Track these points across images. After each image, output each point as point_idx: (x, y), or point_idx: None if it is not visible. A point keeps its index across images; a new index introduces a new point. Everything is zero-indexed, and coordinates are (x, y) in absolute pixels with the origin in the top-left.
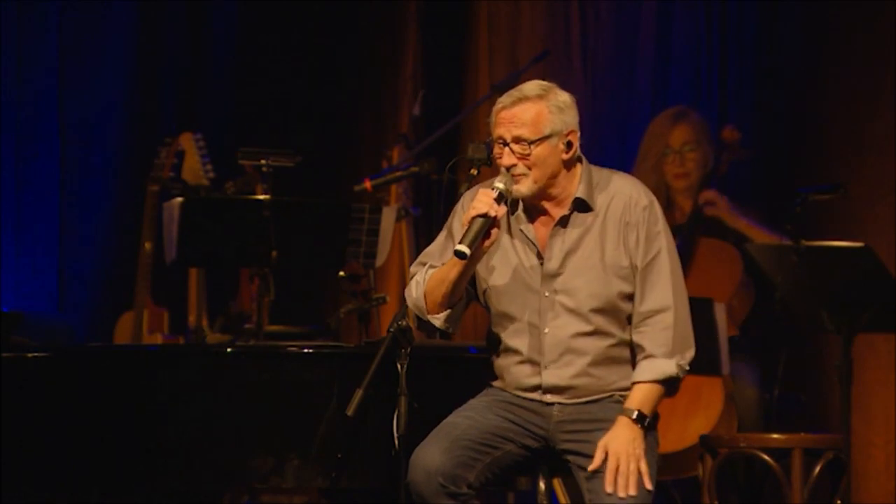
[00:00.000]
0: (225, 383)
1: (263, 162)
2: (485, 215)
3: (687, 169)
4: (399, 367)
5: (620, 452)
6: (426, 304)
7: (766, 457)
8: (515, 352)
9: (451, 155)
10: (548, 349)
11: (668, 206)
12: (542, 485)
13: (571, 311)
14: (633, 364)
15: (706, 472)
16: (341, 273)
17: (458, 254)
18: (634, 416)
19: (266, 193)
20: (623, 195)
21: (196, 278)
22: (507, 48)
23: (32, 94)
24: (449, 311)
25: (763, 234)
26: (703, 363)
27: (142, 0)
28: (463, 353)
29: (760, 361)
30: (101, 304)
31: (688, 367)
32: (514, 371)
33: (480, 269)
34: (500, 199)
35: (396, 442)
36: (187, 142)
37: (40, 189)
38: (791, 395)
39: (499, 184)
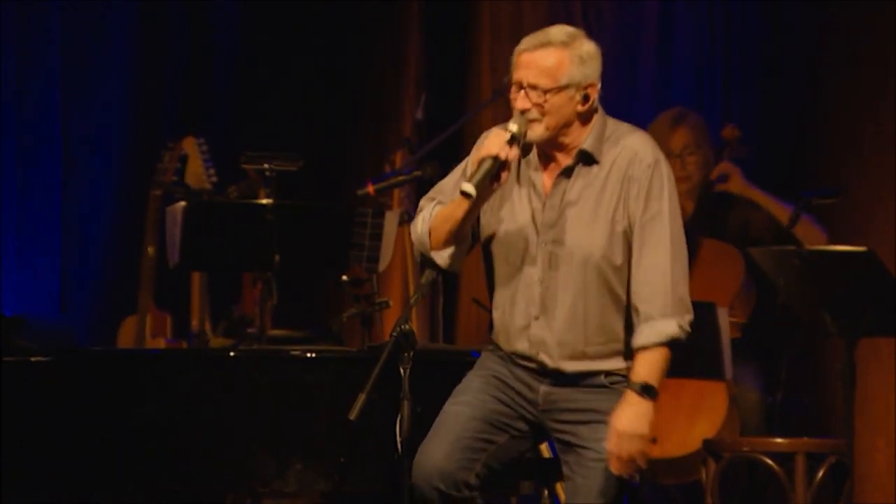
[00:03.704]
0: (228, 387)
1: (266, 166)
2: (495, 157)
3: (688, 172)
4: (402, 371)
5: (623, 434)
6: (430, 239)
7: (769, 461)
8: (510, 301)
9: (453, 159)
10: (540, 298)
11: None
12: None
13: (566, 262)
14: (627, 341)
15: (709, 477)
16: (344, 277)
17: (464, 193)
18: (640, 388)
19: (269, 197)
20: (629, 150)
21: (199, 282)
22: (510, 51)
23: (34, 97)
24: (452, 248)
25: (777, 205)
26: (706, 368)
27: (143, 3)
28: (466, 357)
29: (763, 365)
30: (103, 307)
31: (689, 329)
32: (507, 323)
33: (485, 211)
34: (513, 141)
35: (399, 446)
36: (190, 146)
37: (42, 192)
38: (794, 398)
39: (512, 126)
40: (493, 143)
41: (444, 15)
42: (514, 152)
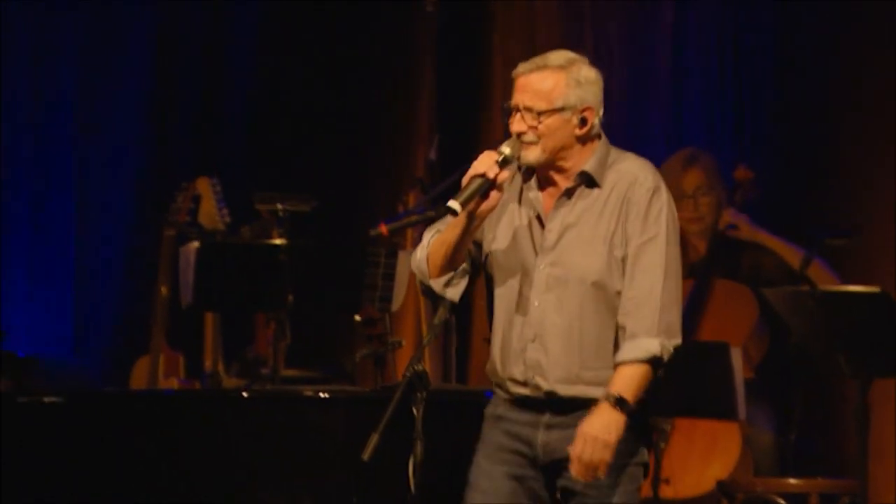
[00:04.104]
0: (240, 428)
1: (279, 206)
2: (483, 176)
3: (701, 213)
4: (415, 411)
5: (589, 437)
6: (428, 266)
7: (782, 502)
8: (508, 324)
9: None
10: (536, 322)
11: (683, 248)
12: None
13: (563, 285)
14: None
15: None
16: (357, 317)
17: (449, 210)
18: (614, 400)
19: (282, 238)
20: (630, 174)
21: (212, 323)
22: None
23: (48, 137)
24: (450, 275)
25: (788, 248)
26: (720, 408)
27: (158, 42)
28: (479, 398)
29: (776, 406)
30: (116, 348)
31: (672, 351)
32: (505, 347)
33: (486, 234)
34: (504, 163)
35: (412, 487)
36: (204, 186)
37: (56, 233)
38: (807, 439)
39: (504, 148)
40: (482, 162)
41: (457, 54)
42: (503, 174)
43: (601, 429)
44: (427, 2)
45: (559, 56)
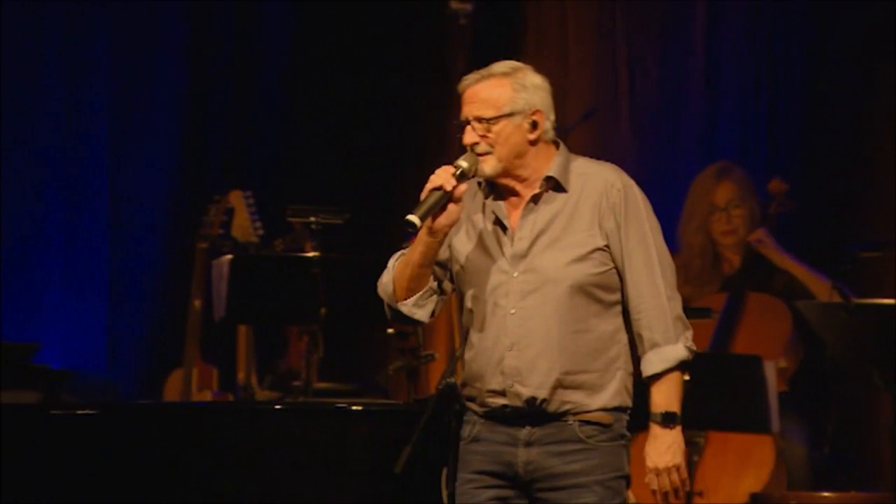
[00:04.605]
0: (273, 440)
1: (312, 219)
2: (440, 188)
3: (734, 226)
4: (447, 423)
5: (656, 470)
6: (394, 288)
7: None
8: (484, 337)
9: None
10: (512, 329)
11: (716, 261)
12: None
13: (539, 290)
14: (603, 373)
15: None
16: (390, 330)
17: (407, 223)
18: (661, 418)
19: (315, 251)
20: (599, 178)
21: (245, 336)
22: (556, 105)
23: (82, 152)
24: (416, 296)
25: (810, 275)
26: (753, 421)
27: (190, 57)
28: None
29: (810, 419)
30: (150, 361)
31: (694, 347)
32: (481, 361)
33: (452, 250)
34: (462, 177)
35: (445, 498)
36: (236, 199)
37: (89, 246)
38: (841, 453)
39: (461, 162)
40: (439, 175)
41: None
42: (461, 187)
43: (662, 455)
44: (459, 14)
45: (503, 64)
